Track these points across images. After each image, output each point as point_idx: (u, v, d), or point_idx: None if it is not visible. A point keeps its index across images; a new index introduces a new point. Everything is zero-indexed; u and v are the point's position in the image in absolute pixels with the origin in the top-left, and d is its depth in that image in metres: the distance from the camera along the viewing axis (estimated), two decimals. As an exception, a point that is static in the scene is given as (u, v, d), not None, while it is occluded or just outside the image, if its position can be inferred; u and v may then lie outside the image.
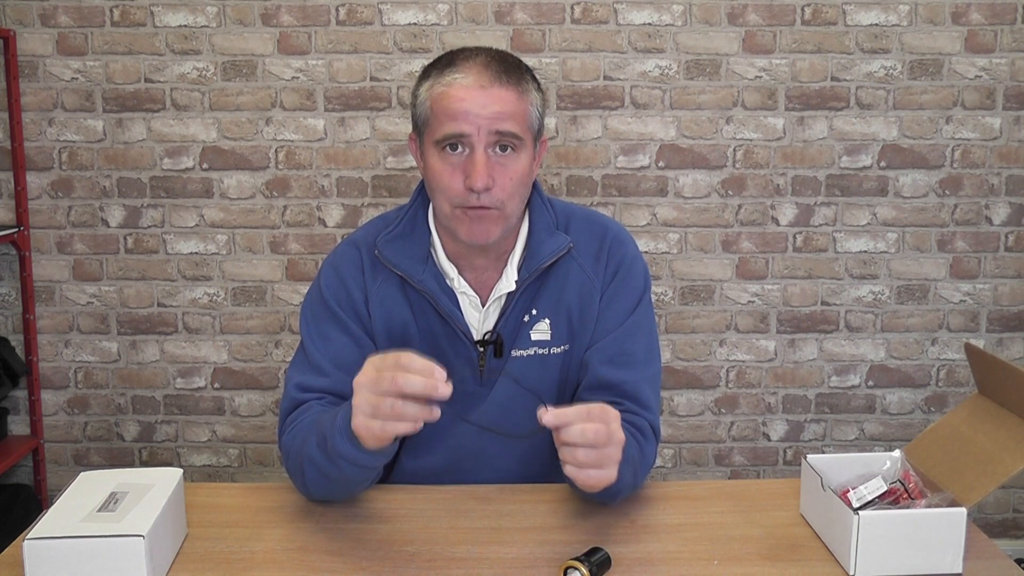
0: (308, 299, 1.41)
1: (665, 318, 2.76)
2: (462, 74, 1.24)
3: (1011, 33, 2.65)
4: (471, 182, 1.23)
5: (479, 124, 1.23)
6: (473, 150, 1.24)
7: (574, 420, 1.05)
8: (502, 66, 1.26)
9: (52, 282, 2.73)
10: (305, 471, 1.23)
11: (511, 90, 1.25)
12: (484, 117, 1.23)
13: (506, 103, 1.24)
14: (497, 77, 1.24)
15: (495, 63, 1.26)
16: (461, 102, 1.23)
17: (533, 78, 1.31)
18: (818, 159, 2.70)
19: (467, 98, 1.23)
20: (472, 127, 1.23)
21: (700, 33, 2.64)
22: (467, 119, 1.23)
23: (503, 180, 1.25)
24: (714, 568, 1.14)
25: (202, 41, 2.62)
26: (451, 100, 1.23)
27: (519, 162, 1.27)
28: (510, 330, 1.36)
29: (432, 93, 1.26)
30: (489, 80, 1.23)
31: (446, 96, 1.24)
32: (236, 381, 2.78)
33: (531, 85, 1.29)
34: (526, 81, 1.28)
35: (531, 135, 1.29)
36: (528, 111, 1.27)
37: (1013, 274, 2.77)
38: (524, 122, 1.27)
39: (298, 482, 1.28)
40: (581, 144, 2.68)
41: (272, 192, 2.69)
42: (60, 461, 2.81)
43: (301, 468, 1.24)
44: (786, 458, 2.84)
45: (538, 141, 1.33)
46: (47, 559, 1.03)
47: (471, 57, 1.26)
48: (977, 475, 1.14)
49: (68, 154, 2.67)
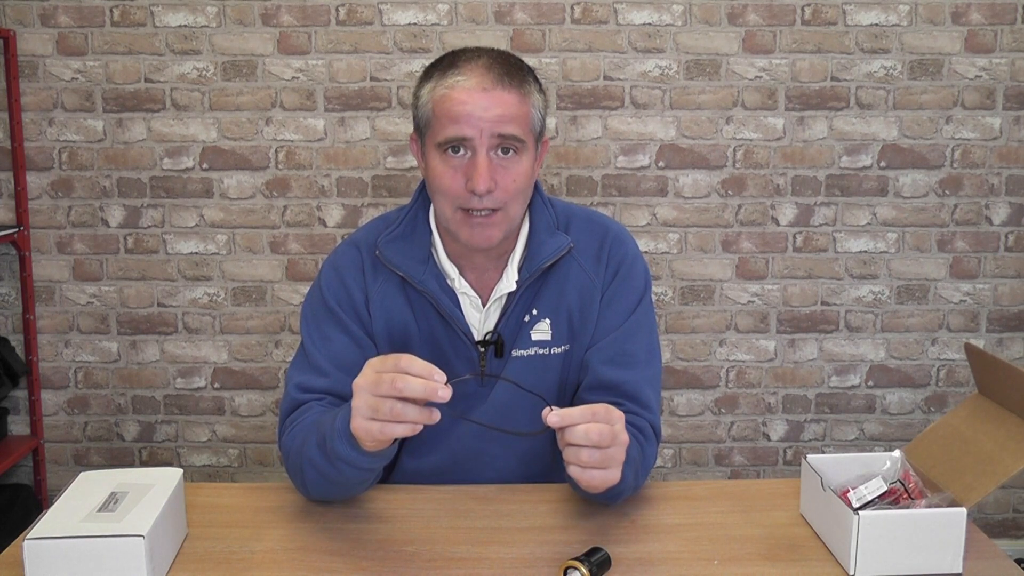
0: (309, 299, 1.41)
1: (665, 318, 2.76)
2: (464, 76, 1.24)
3: (1011, 33, 2.65)
4: (473, 185, 1.23)
5: (481, 127, 1.23)
6: (475, 153, 1.24)
7: (579, 421, 1.05)
8: (504, 68, 1.25)
9: (52, 282, 2.73)
10: (305, 472, 1.23)
11: (513, 92, 1.24)
12: (486, 120, 1.22)
13: (508, 106, 1.23)
14: (499, 79, 1.24)
15: (497, 65, 1.25)
16: (463, 105, 1.22)
17: (535, 79, 1.31)
18: (818, 159, 2.70)
19: (469, 101, 1.22)
20: (474, 130, 1.23)
21: (700, 33, 2.64)
22: (469, 122, 1.22)
23: (505, 182, 1.25)
24: (714, 568, 1.14)
25: (202, 41, 2.62)
26: (453, 103, 1.23)
27: (521, 164, 1.27)
28: (511, 330, 1.36)
29: (434, 95, 1.26)
30: (492, 82, 1.23)
31: (448, 99, 1.24)
32: (236, 381, 2.78)
33: (533, 87, 1.29)
34: (528, 83, 1.28)
35: (533, 137, 1.29)
36: (530, 113, 1.27)
37: (1013, 274, 2.77)
38: (526, 124, 1.26)
39: (298, 482, 1.28)
40: (581, 144, 2.68)
41: (272, 192, 2.69)
42: (60, 461, 2.81)
43: (301, 469, 1.24)
44: (786, 458, 2.84)
45: (540, 142, 1.33)
46: (47, 559, 1.03)
47: (473, 59, 1.26)
48: (977, 475, 1.14)
49: (68, 154, 2.67)
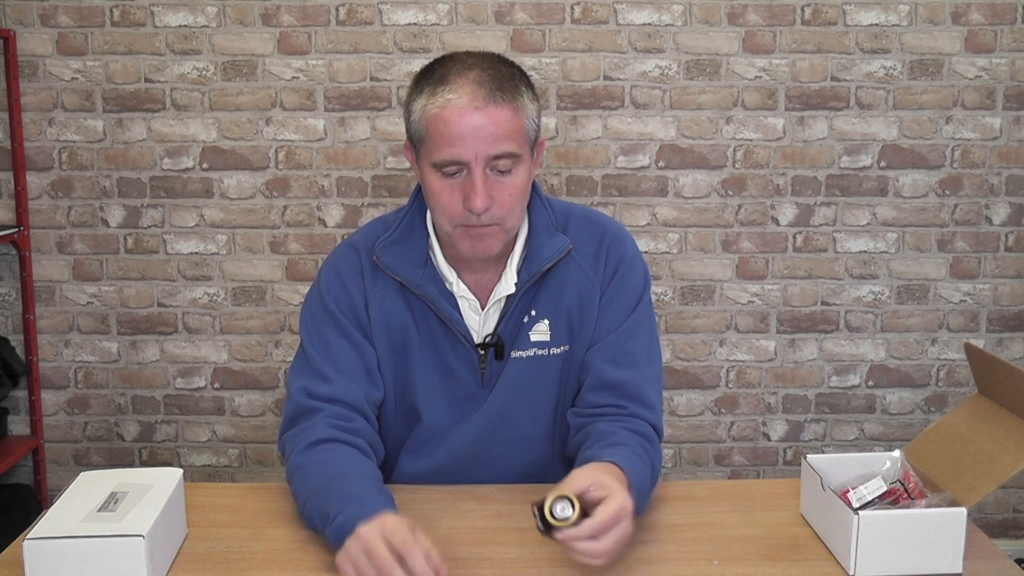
0: (308, 302, 1.40)
1: (665, 318, 2.76)
2: (455, 94, 1.21)
3: (1011, 33, 2.65)
4: (470, 204, 1.22)
5: (476, 149, 1.21)
6: (471, 172, 1.22)
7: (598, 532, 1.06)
8: (496, 83, 1.22)
9: (52, 282, 2.73)
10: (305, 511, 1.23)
11: (506, 108, 1.22)
12: (481, 140, 1.20)
13: (501, 123, 1.21)
14: (491, 96, 1.21)
15: (488, 79, 1.22)
16: (456, 126, 1.20)
17: (527, 85, 1.28)
18: (818, 159, 2.70)
19: (462, 121, 1.20)
20: (469, 153, 1.21)
21: (700, 33, 2.64)
22: (464, 145, 1.21)
23: (502, 197, 1.24)
24: (714, 568, 1.14)
25: (202, 41, 2.62)
26: (446, 124, 1.21)
27: (518, 176, 1.25)
28: (510, 332, 1.36)
29: (426, 113, 1.23)
30: (483, 99, 1.20)
31: (440, 119, 1.21)
32: (236, 381, 2.78)
33: (526, 96, 1.26)
34: (520, 94, 1.25)
35: (528, 146, 1.27)
36: (524, 125, 1.25)
37: (1013, 274, 2.77)
38: (521, 138, 1.24)
39: (298, 503, 1.28)
40: (581, 144, 2.68)
41: (272, 192, 2.69)
42: (60, 461, 2.81)
43: (303, 504, 1.23)
44: (786, 458, 2.84)
45: (535, 147, 1.31)
46: (47, 559, 1.03)
47: (463, 72, 1.23)
48: (977, 475, 1.14)
49: (68, 154, 2.67)
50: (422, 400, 1.37)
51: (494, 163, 1.23)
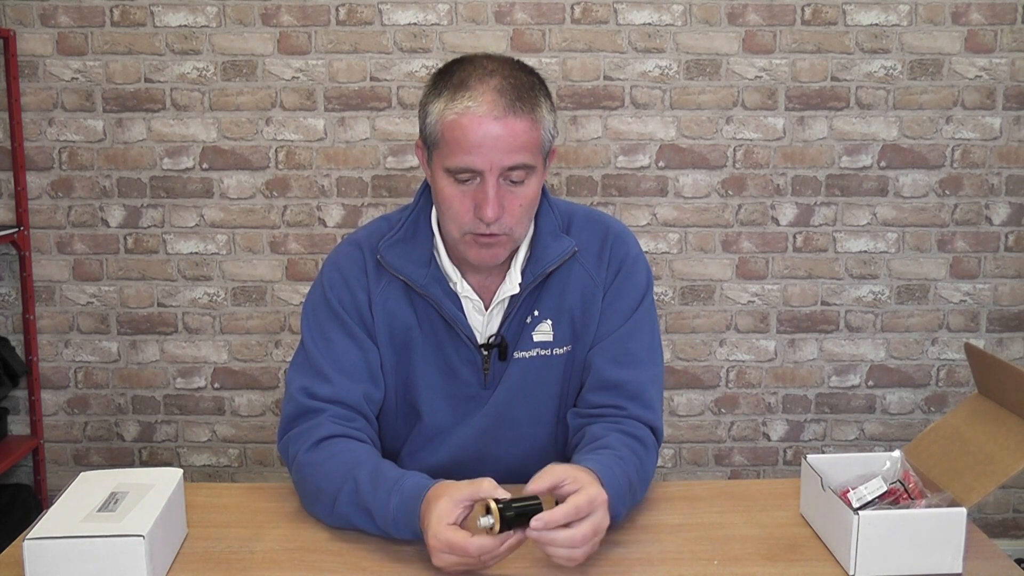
0: (310, 299, 1.39)
1: (665, 318, 2.76)
2: (475, 102, 1.20)
3: (1011, 33, 2.65)
4: (481, 213, 1.22)
5: (492, 160, 1.20)
6: (484, 181, 1.22)
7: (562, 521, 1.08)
8: (516, 92, 1.21)
9: (52, 282, 2.73)
10: (321, 507, 1.24)
11: (525, 119, 1.21)
12: (497, 151, 1.20)
13: (518, 135, 1.21)
14: (511, 106, 1.20)
15: (509, 88, 1.21)
16: (474, 135, 1.20)
17: (546, 95, 1.27)
18: (818, 159, 2.70)
19: (480, 130, 1.19)
20: (484, 162, 1.20)
21: (700, 33, 2.64)
22: (480, 154, 1.20)
23: (512, 207, 1.24)
24: (714, 568, 1.14)
25: (202, 41, 2.62)
26: (463, 131, 1.20)
27: (530, 187, 1.25)
28: (513, 332, 1.36)
29: (444, 117, 1.22)
30: (503, 110, 1.20)
31: (458, 126, 1.20)
32: (236, 381, 2.78)
33: (544, 106, 1.25)
34: (539, 105, 1.24)
35: (542, 157, 1.27)
36: (540, 137, 1.24)
37: (1013, 274, 2.77)
38: (536, 149, 1.24)
39: (306, 501, 1.29)
40: (581, 144, 2.68)
41: (272, 192, 2.69)
42: (60, 461, 2.81)
43: (316, 498, 1.25)
44: (786, 458, 2.84)
45: (548, 156, 1.30)
46: (47, 559, 1.03)
47: (484, 78, 1.22)
48: (977, 475, 1.14)
49: (68, 154, 2.67)
50: (423, 400, 1.37)
51: (508, 173, 1.22)
